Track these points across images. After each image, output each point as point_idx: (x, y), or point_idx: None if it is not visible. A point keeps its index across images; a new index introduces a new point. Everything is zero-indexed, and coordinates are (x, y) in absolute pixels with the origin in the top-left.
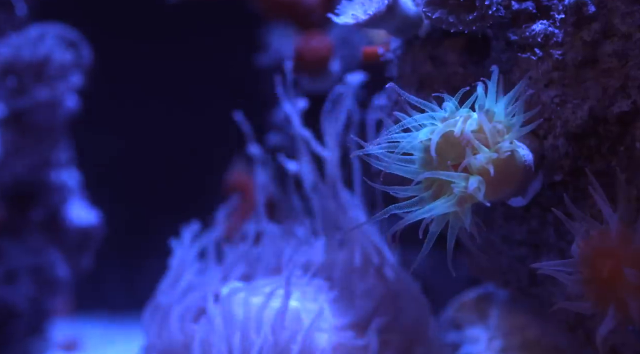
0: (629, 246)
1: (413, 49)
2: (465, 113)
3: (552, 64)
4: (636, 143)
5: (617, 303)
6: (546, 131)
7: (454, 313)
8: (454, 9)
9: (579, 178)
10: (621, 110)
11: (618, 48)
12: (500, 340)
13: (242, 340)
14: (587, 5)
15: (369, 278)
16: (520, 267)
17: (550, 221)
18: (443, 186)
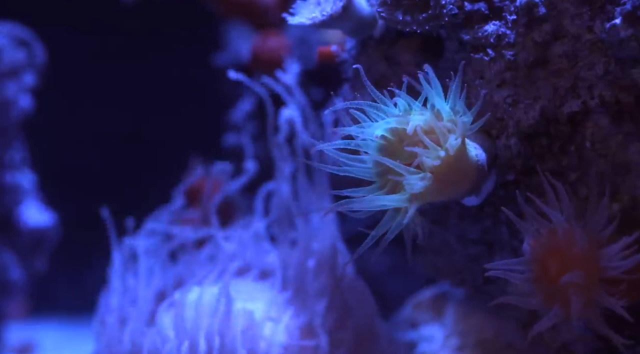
0: (577, 244)
1: (368, 49)
2: (417, 111)
3: (505, 65)
4: (586, 143)
5: (563, 300)
6: (499, 131)
7: (411, 312)
8: (407, 9)
9: (531, 177)
10: (571, 110)
11: (568, 49)
12: (455, 338)
13: (192, 345)
14: (538, 6)
15: (322, 278)
16: (474, 266)
17: (503, 220)
18: (396, 186)
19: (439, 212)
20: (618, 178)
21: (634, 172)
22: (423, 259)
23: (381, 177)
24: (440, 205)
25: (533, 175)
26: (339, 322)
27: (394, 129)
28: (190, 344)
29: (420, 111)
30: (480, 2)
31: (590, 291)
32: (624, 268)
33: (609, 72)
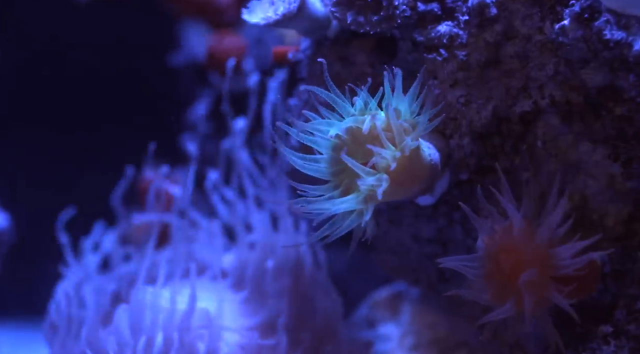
0: (530, 242)
1: (322, 49)
2: (373, 111)
3: (457, 65)
4: (538, 142)
5: (516, 297)
6: (452, 131)
7: (368, 311)
8: (361, 10)
9: (484, 176)
10: (523, 110)
11: (519, 49)
12: (411, 337)
13: (149, 344)
14: (490, 7)
15: (281, 277)
16: (429, 264)
17: (457, 219)
18: (351, 185)
19: (393, 212)
20: (569, 177)
21: (584, 171)
22: (379, 258)
23: (336, 176)
24: (395, 204)
25: (486, 174)
26: (298, 322)
27: (350, 129)
28: (147, 343)
29: (376, 110)
30: (433, 3)
31: (542, 289)
32: (575, 267)
33: (559, 73)
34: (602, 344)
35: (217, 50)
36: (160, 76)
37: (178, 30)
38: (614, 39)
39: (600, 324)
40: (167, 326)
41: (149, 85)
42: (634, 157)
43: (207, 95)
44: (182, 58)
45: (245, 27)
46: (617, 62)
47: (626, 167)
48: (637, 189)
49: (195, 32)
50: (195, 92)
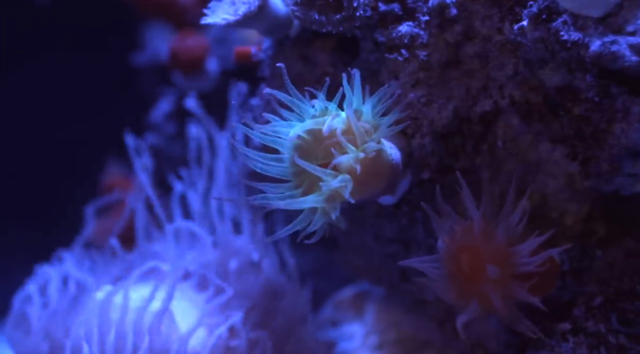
0: (491, 242)
1: (284, 49)
2: (334, 112)
3: (418, 65)
4: (498, 142)
5: (479, 296)
6: (414, 130)
7: (332, 311)
8: (322, 9)
9: (445, 176)
10: (483, 110)
11: (479, 50)
12: (375, 336)
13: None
14: (450, 8)
15: (246, 278)
16: (391, 264)
17: (419, 219)
18: (313, 185)
19: (355, 212)
20: (529, 176)
21: (544, 170)
22: (342, 258)
23: (297, 176)
24: (357, 204)
25: (447, 173)
26: (261, 322)
27: (310, 129)
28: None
29: (337, 111)
30: (394, 3)
31: (503, 287)
32: (535, 265)
33: (519, 73)
34: (561, 341)
35: (179, 50)
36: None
37: (141, 30)
38: (571, 40)
39: (559, 322)
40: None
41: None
42: (591, 157)
43: (169, 95)
44: (145, 58)
45: (208, 28)
46: (575, 63)
47: (584, 167)
48: (596, 188)
49: (159, 32)
50: (158, 92)
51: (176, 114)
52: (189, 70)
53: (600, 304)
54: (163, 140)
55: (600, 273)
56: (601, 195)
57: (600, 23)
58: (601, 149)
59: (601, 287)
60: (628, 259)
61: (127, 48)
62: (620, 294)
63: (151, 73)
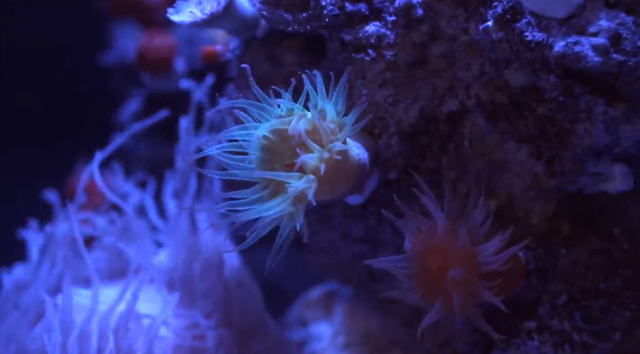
0: (455, 241)
1: (251, 49)
2: (299, 112)
3: (385, 65)
4: (464, 142)
5: (444, 296)
6: (381, 130)
7: (300, 311)
8: (288, 8)
9: (412, 176)
10: (450, 110)
11: (445, 50)
12: (343, 336)
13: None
14: (416, 8)
15: (209, 278)
16: (360, 264)
17: (386, 219)
18: (280, 185)
19: (323, 211)
20: (495, 176)
21: (510, 170)
22: (310, 257)
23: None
24: (325, 204)
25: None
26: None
27: (276, 129)
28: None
29: (303, 111)
30: (361, 3)
31: (468, 286)
32: (499, 263)
33: (484, 73)
34: (526, 339)
35: (146, 49)
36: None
37: (109, 30)
38: (535, 41)
39: (524, 320)
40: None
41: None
42: (555, 157)
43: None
44: (112, 57)
45: (176, 27)
46: (539, 63)
47: (549, 166)
48: (560, 188)
49: (126, 32)
50: (126, 92)
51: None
52: (157, 70)
53: (565, 303)
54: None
55: (565, 272)
56: (566, 194)
57: (563, 24)
58: (565, 149)
59: (566, 285)
60: (592, 257)
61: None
62: (584, 292)
63: (119, 73)
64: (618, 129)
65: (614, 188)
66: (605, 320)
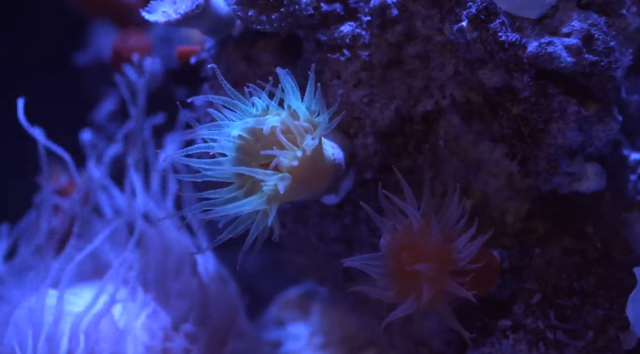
0: (429, 239)
1: (227, 48)
2: (274, 111)
3: (360, 65)
4: (440, 141)
5: (417, 293)
6: (356, 130)
7: (278, 311)
8: (263, 9)
9: (388, 175)
10: (425, 109)
11: (420, 50)
12: (320, 336)
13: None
14: (391, 8)
15: (184, 278)
16: (336, 263)
17: (362, 218)
18: (255, 186)
19: (299, 211)
20: (470, 175)
21: (485, 169)
22: (287, 258)
23: (240, 177)
24: (301, 204)
25: (390, 173)
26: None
27: (251, 129)
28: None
29: (277, 110)
30: (336, 3)
31: (441, 283)
32: (470, 257)
33: (459, 73)
34: (501, 338)
35: (122, 49)
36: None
37: (85, 29)
38: (508, 41)
39: (499, 319)
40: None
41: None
42: (529, 156)
43: (113, 94)
44: (88, 57)
45: (152, 27)
46: (513, 63)
47: (523, 166)
48: (535, 187)
49: (102, 31)
50: (101, 91)
51: (120, 113)
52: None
53: (539, 301)
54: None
55: (539, 271)
56: (540, 194)
57: (537, 24)
58: (539, 149)
59: (540, 284)
60: (565, 256)
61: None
62: (558, 290)
63: (95, 72)
64: (591, 128)
65: (587, 187)
66: (579, 318)
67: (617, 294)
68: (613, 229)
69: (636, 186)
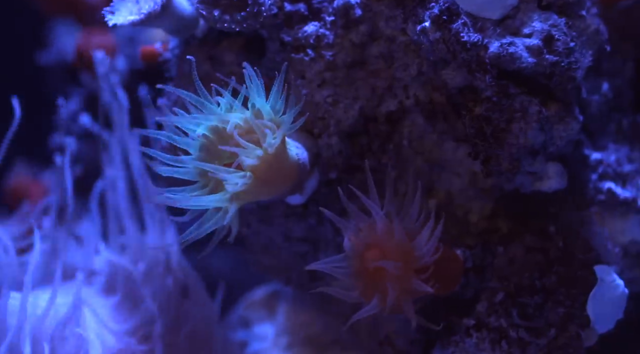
0: (393, 239)
1: (190, 48)
2: (238, 110)
3: (324, 65)
4: (404, 141)
5: (381, 293)
6: (320, 130)
7: (244, 311)
8: (227, 9)
9: (353, 175)
10: (389, 109)
11: (384, 50)
12: (286, 336)
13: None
14: (354, 8)
15: (155, 280)
16: (301, 264)
17: (327, 218)
18: (219, 185)
19: (264, 211)
20: (434, 175)
21: (448, 169)
22: (252, 258)
23: (204, 176)
24: (266, 204)
25: (355, 173)
26: (171, 325)
27: (215, 128)
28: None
29: (241, 110)
30: (300, 3)
31: (405, 282)
32: (431, 252)
33: (423, 73)
34: (465, 336)
35: (85, 49)
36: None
37: (48, 28)
38: (470, 41)
39: (463, 318)
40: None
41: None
42: (492, 156)
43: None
44: (51, 56)
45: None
46: (475, 64)
47: (486, 165)
48: (498, 186)
49: (66, 30)
50: (65, 91)
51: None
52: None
53: (502, 300)
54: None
55: (502, 269)
56: (503, 193)
57: (498, 25)
58: (501, 148)
59: (502, 283)
60: (528, 254)
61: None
62: (521, 289)
63: (58, 72)
64: (552, 128)
65: (549, 187)
66: (541, 316)
67: (578, 292)
68: (574, 228)
69: (597, 186)
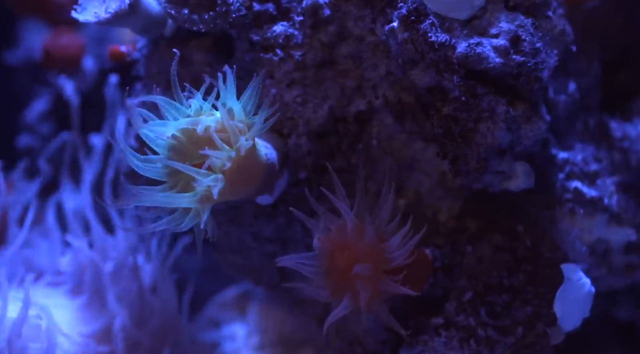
0: (363, 239)
1: (159, 48)
2: (208, 111)
3: (293, 65)
4: (373, 141)
5: (351, 293)
6: (290, 130)
7: (214, 312)
8: (195, 8)
9: (322, 175)
10: (358, 109)
11: (353, 50)
12: (257, 336)
13: None
14: (323, 8)
15: (121, 280)
16: (271, 263)
17: (297, 218)
18: (188, 186)
19: (234, 211)
20: (403, 174)
21: (418, 169)
22: (222, 258)
23: (172, 177)
24: (235, 204)
25: (324, 173)
26: (137, 325)
27: (184, 129)
28: None
29: (211, 111)
30: (269, 3)
31: (376, 283)
32: (404, 256)
33: (391, 73)
34: (434, 335)
35: (53, 48)
36: None
37: (15, 27)
38: (438, 41)
39: (432, 317)
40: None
41: None
42: (460, 155)
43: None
44: (18, 56)
45: (85, 26)
46: (443, 64)
47: (454, 165)
48: (466, 186)
49: (33, 30)
50: (33, 91)
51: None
52: (64, 69)
53: (471, 299)
54: (38, 141)
55: (471, 268)
56: (472, 193)
57: (466, 25)
58: (469, 148)
59: (471, 282)
60: (496, 253)
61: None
62: (489, 288)
63: (25, 72)
64: (519, 128)
65: (516, 186)
66: (509, 315)
67: (545, 290)
68: (542, 227)
69: (564, 185)
